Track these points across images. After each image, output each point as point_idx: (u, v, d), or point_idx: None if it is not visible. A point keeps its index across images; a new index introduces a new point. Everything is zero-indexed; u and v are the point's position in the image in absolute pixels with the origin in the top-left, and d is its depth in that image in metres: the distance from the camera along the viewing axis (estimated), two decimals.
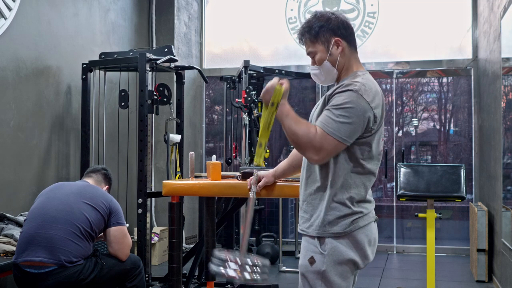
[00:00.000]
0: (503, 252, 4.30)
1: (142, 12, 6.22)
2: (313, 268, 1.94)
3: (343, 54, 1.99)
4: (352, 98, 1.85)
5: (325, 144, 1.85)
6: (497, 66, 4.68)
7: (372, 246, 1.99)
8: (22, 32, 4.17)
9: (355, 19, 6.67)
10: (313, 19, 2.02)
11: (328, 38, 1.98)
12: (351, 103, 1.85)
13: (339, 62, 1.99)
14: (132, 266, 3.14)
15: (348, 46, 2.00)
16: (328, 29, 1.98)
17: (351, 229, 1.92)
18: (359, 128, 1.87)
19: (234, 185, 2.70)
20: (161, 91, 4.43)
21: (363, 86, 1.87)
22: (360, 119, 1.85)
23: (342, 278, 1.93)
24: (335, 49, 1.98)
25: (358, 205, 1.94)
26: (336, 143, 1.85)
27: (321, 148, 1.85)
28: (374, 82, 1.96)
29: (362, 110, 1.85)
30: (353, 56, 2.02)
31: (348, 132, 1.85)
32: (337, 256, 1.92)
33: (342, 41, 1.98)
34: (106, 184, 3.35)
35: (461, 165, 3.90)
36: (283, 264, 5.33)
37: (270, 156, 5.92)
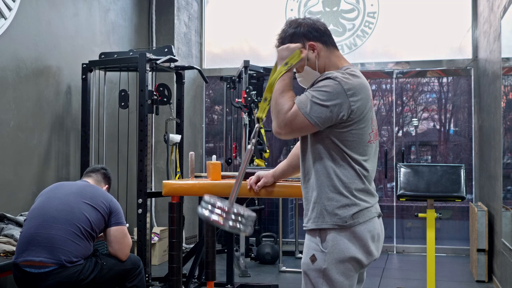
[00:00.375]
0: (503, 252, 4.30)
1: (142, 12, 6.22)
2: (314, 266, 1.94)
3: (321, 55, 2.03)
4: (329, 83, 1.88)
5: (294, 120, 1.89)
6: (497, 66, 4.68)
7: (376, 242, 1.97)
8: (22, 32, 4.17)
9: (355, 19, 6.67)
10: (285, 27, 2.07)
11: (302, 44, 2.02)
12: (327, 87, 1.88)
13: (319, 64, 2.02)
14: (132, 266, 3.14)
15: (324, 46, 2.03)
16: (300, 35, 2.02)
17: (353, 223, 1.91)
18: (333, 114, 1.87)
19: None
20: (161, 91, 4.44)
21: (343, 76, 1.90)
22: (334, 105, 1.86)
23: (344, 276, 1.92)
24: (311, 53, 2.02)
25: (356, 196, 1.93)
26: (306, 122, 1.88)
27: (288, 123, 1.90)
28: (360, 76, 1.96)
29: (337, 95, 1.87)
30: (333, 54, 2.05)
31: (319, 114, 1.87)
32: (338, 253, 1.91)
33: (316, 44, 2.02)
34: (106, 184, 3.35)
35: (461, 165, 3.90)
36: (283, 264, 5.33)
37: (270, 156, 5.92)
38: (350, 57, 6.63)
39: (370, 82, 7.00)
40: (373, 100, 2.05)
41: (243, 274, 5.04)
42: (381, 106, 6.97)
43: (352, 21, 6.69)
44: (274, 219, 6.39)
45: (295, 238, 6.01)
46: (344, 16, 6.70)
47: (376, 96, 7.04)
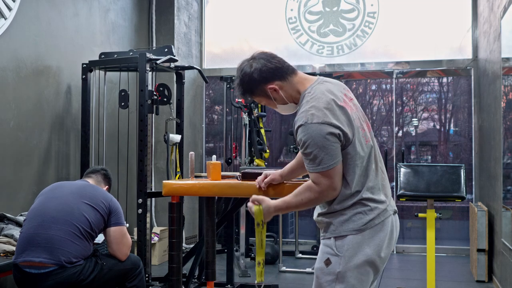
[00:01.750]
0: (503, 252, 4.29)
1: (142, 12, 6.22)
2: (328, 269, 1.95)
3: (283, 90, 2.06)
4: (306, 132, 1.90)
5: (326, 180, 1.91)
6: (497, 66, 4.68)
7: (390, 240, 1.99)
8: (22, 32, 4.16)
9: (355, 19, 6.67)
10: (239, 79, 2.10)
11: (262, 90, 2.07)
12: (308, 138, 1.89)
13: (286, 97, 2.07)
14: (132, 266, 3.14)
15: (282, 82, 2.06)
16: (257, 83, 2.05)
17: (369, 225, 1.93)
18: (334, 145, 1.89)
19: (234, 185, 2.69)
20: (161, 91, 4.43)
21: (309, 112, 1.91)
22: (327, 140, 1.88)
23: (358, 280, 1.93)
24: (275, 94, 2.06)
25: (370, 201, 1.94)
26: (332, 171, 1.90)
27: (327, 185, 1.92)
28: (322, 93, 1.96)
29: (320, 134, 1.88)
30: (294, 82, 2.07)
31: (328, 157, 1.88)
32: (354, 257, 1.92)
33: (274, 84, 2.05)
34: (106, 185, 3.35)
35: (461, 165, 3.90)
36: (283, 264, 5.33)
37: (270, 156, 5.92)
38: (350, 57, 6.64)
39: (370, 82, 7.02)
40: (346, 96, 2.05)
41: (243, 274, 5.03)
42: (381, 106, 6.97)
43: (352, 21, 6.68)
44: (274, 219, 6.33)
45: (295, 238, 6.01)
46: (344, 16, 6.70)
47: (376, 96, 7.04)
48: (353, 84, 7.01)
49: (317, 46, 6.74)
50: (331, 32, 6.71)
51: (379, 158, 2.06)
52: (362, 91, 7.04)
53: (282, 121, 7.10)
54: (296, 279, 5.04)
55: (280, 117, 7.09)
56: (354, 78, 6.88)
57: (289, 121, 6.90)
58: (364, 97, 6.99)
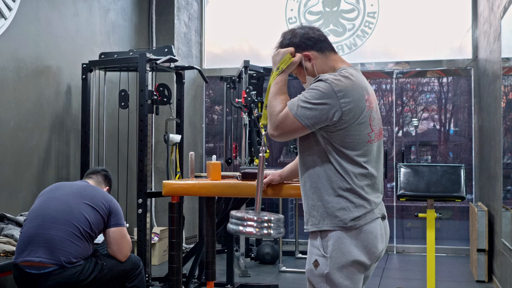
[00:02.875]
0: (503, 252, 4.30)
1: (142, 12, 6.22)
2: (317, 271, 1.94)
3: (317, 62, 2.05)
4: (320, 85, 1.90)
5: (284, 122, 1.91)
6: (497, 66, 4.68)
7: (380, 243, 1.96)
8: (22, 32, 4.17)
9: (355, 19, 6.67)
10: (280, 39, 2.12)
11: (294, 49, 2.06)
12: (317, 89, 1.90)
13: (318, 70, 2.05)
14: (132, 266, 3.14)
15: (318, 53, 2.05)
16: (293, 46, 2.06)
17: (354, 225, 1.90)
18: (322, 114, 1.88)
19: (234, 185, 2.70)
20: (161, 91, 4.43)
21: (334, 78, 1.91)
22: (323, 106, 1.88)
23: (348, 279, 1.91)
24: (307, 63, 2.06)
25: (357, 198, 1.91)
26: (296, 124, 1.90)
27: (280, 125, 1.93)
28: (353, 77, 1.96)
29: (326, 96, 1.88)
30: (330, 58, 2.07)
31: (307, 114, 1.88)
32: (340, 257, 1.90)
33: (310, 53, 2.05)
34: (106, 185, 3.35)
35: (461, 165, 3.90)
36: (283, 264, 5.33)
37: (270, 156, 5.92)
38: (350, 57, 6.63)
39: (370, 82, 6.98)
40: (372, 96, 2.04)
41: (243, 274, 5.04)
42: (381, 106, 6.97)
43: (352, 21, 6.69)
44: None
45: (295, 238, 6.01)
46: (344, 16, 6.70)
47: (376, 96, 7.00)
48: None
49: None
50: (331, 32, 6.71)
51: (381, 163, 2.04)
52: None
53: None
54: (296, 279, 5.05)
55: None
56: None
57: None
58: None
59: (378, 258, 1.99)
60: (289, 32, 2.10)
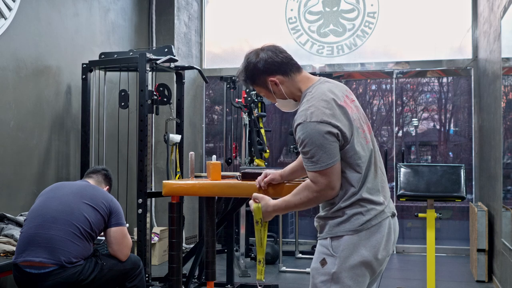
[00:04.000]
0: (503, 252, 4.30)
1: (142, 12, 6.22)
2: (324, 269, 1.95)
3: (284, 86, 2.08)
4: (304, 130, 1.91)
5: (324, 179, 1.92)
6: (497, 66, 4.68)
7: (388, 242, 1.98)
8: (22, 32, 4.16)
9: (355, 19, 6.67)
10: (244, 66, 2.13)
11: (264, 81, 2.09)
12: (306, 137, 1.90)
13: (286, 93, 2.09)
14: (132, 266, 3.14)
15: (284, 77, 2.07)
16: (259, 73, 2.08)
17: (365, 226, 1.92)
18: (333, 144, 1.90)
19: (234, 185, 2.70)
20: (161, 91, 4.43)
21: (308, 111, 1.92)
22: (325, 139, 1.89)
23: (353, 281, 1.92)
24: (274, 86, 2.08)
25: (366, 202, 1.94)
26: (329, 170, 1.90)
27: (325, 184, 1.92)
28: (322, 92, 1.97)
29: (318, 132, 1.89)
30: (296, 80, 2.08)
31: (326, 156, 1.89)
32: (349, 257, 1.91)
33: (275, 78, 2.07)
34: (107, 185, 3.35)
35: (461, 165, 3.90)
36: (283, 264, 5.33)
37: (270, 156, 5.92)
38: (350, 57, 6.64)
39: (370, 82, 7.02)
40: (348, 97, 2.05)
41: (243, 274, 5.03)
42: (381, 106, 6.97)
43: (352, 21, 6.68)
44: (274, 219, 6.33)
45: (295, 238, 6.01)
46: (344, 16, 6.70)
47: (376, 96, 7.04)
48: (353, 84, 7.00)
49: (317, 46, 6.74)
50: (331, 32, 6.71)
51: (379, 160, 2.05)
52: (362, 91, 7.04)
53: (282, 121, 7.10)
54: (296, 279, 5.05)
55: (280, 117, 7.09)
56: (354, 78, 6.88)
57: (289, 121, 6.90)
58: (364, 97, 6.99)
59: (387, 258, 2.01)
60: (253, 56, 2.10)
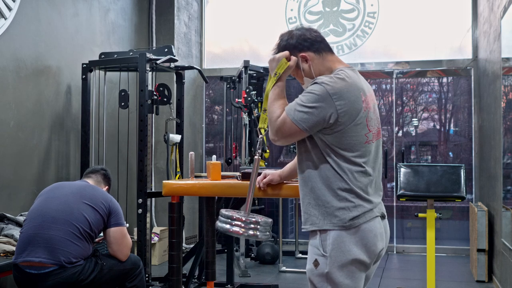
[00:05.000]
0: (503, 252, 4.30)
1: (142, 12, 6.22)
2: (317, 271, 1.94)
3: (314, 63, 2.06)
4: (315, 88, 1.93)
5: (283, 126, 1.95)
6: (497, 66, 4.68)
7: (380, 241, 1.96)
8: (22, 32, 4.17)
9: (355, 19, 6.67)
10: (277, 43, 2.13)
11: (295, 56, 2.07)
12: (312, 92, 1.92)
13: (315, 71, 2.06)
14: (132, 266, 3.14)
15: (315, 54, 2.06)
16: (290, 47, 2.07)
17: (353, 223, 1.91)
18: (319, 118, 1.90)
19: (234, 185, 2.70)
20: (161, 91, 4.43)
21: (330, 80, 1.93)
22: (319, 109, 1.89)
23: (349, 278, 1.91)
24: (304, 64, 2.07)
25: (355, 198, 1.92)
26: (294, 128, 1.93)
27: (279, 130, 1.96)
28: (349, 79, 1.97)
29: (321, 99, 1.90)
30: (327, 59, 2.07)
31: (304, 118, 1.91)
32: (340, 256, 1.90)
33: (307, 54, 2.05)
34: (106, 185, 3.35)
35: (461, 165, 3.90)
36: (283, 264, 5.33)
37: (270, 156, 5.92)
38: (350, 57, 6.63)
39: (370, 82, 7.00)
40: (370, 96, 2.04)
41: (243, 274, 5.04)
42: (381, 106, 6.97)
43: (352, 21, 6.68)
44: (274, 219, 6.34)
45: (295, 238, 6.01)
46: (344, 16, 6.70)
47: (376, 96, 7.01)
48: None
49: None
50: (331, 32, 6.71)
51: (378, 164, 2.04)
52: None
53: None
54: (296, 279, 5.05)
55: None
56: None
57: None
58: None
59: (378, 257, 2.00)
60: (286, 34, 2.11)
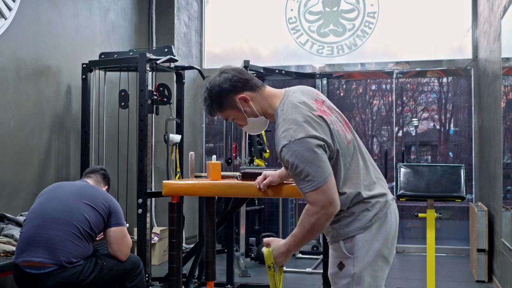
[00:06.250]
0: (503, 252, 4.30)
1: (142, 12, 6.22)
2: (343, 273, 1.93)
3: (255, 102, 2.00)
4: (292, 151, 1.82)
5: (321, 196, 1.83)
6: (497, 66, 4.68)
7: (395, 228, 1.99)
8: (22, 32, 4.16)
9: (355, 19, 6.67)
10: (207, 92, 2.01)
11: (232, 101, 1.99)
12: (296, 157, 1.82)
13: (257, 110, 2.00)
14: (132, 266, 3.14)
15: (252, 92, 2.00)
16: (226, 93, 1.98)
17: (374, 221, 1.92)
18: (323, 157, 1.84)
19: (234, 185, 2.69)
20: (161, 91, 4.43)
21: (290, 130, 1.83)
22: (316, 154, 1.82)
23: (373, 278, 1.92)
24: (245, 104, 2.00)
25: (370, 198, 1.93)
26: (326, 185, 1.83)
27: (325, 200, 1.83)
28: (295, 106, 1.89)
29: (307, 148, 1.82)
30: (265, 94, 2.01)
31: (320, 171, 1.82)
32: (365, 255, 1.91)
33: (245, 94, 1.99)
34: (105, 185, 3.35)
35: (461, 165, 3.90)
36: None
37: (270, 156, 5.92)
38: (350, 57, 6.64)
39: (370, 82, 7.02)
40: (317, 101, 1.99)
41: (243, 274, 5.03)
42: (381, 106, 6.97)
43: (352, 21, 6.68)
44: (274, 219, 6.39)
45: None
46: (344, 16, 6.70)
47: (376, 96, 7.04)
48: (353, 84, 7.01)
49: (317, 46, 6.74)
50: (331, 32, 6.71)
51: (365, 152, 2.03)
52: (362, 91, 7.04)
53: None
54: (296, 279, 5.04)
55: None
56: (354, 78, 6.88)
57: None
58: (364, 97, 6.99)
59: (395, 244, 2.02)
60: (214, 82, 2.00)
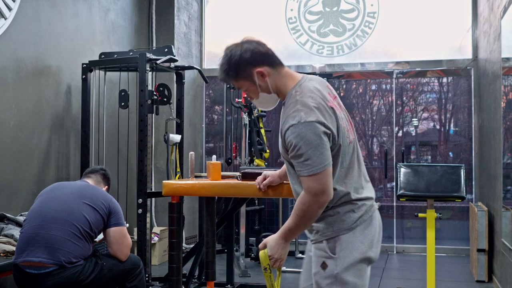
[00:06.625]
0: (503, 252, 4.30)
1: (142, 12, 6.21)
2: (326, 273, 1.93)
3: (271, 78, 1.98)
4: (299, 132, 1.83)
5: (315, 184, 1.83)
6: (497, 66, 4.68)
7: (379, 233, 1.99)
8: (22, 32, 4.16)
9: (355, 19, 6.67)
10: (226, 58, 2.00)
11: (249, 73, 1.98)
12: (302, 138, 1.82)
13: (272, 86, 1.98)
14: (132, 266, 3.14)
15: (271, 68, 1.98)
16: (245, 64, 1.97)
17: (359, 222, 1.92)
18: (327, 145, 1.84)
19: (234, 185, 2.70)
20: (161, 91, 4.43)
21: (301, 112, 1.84)
22: (321, 140, 1.83)
23: (357, 277, 1.92)
24: (261, 79, 1.98)
25: (357, 199, 1.93)
26: (323, 173, 1.83)
27: (318, 188, 1.83)
28: (311, 91, 1.90)
29: (315, 133, 1.82)
30: (282, 73, 2.00)
31: (322, 158, 1.82)
32: (348, 256, 1.91)
33: (263, 69, 1.97)
34: (105, 185, 3.35)
35: (461, 165, 3.90)
36: (283, 264, 5.32)
37: (270, 156, 5.92)
38: (350, 57, 6.64)
39: (370, 82, 7.02)
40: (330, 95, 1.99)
41: (243, 274, 5.03)
42: (381, 106, 6.97)
43: (352, 21, 6.68)
44: (274, 219, 6.39)
45: (295, 238, 6.01)
46: (344, 16, 6.70)
47: (376, 96, 7.03)
48: (353, 84, 7.01)
49: (317, 46, 6.74)
50: (331, 32, 6.71)
51: (360, 156, 2.04)
52: (362, 91, 7.03)
53: None
54: (296, 279, 5.02)
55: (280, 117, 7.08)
56: (354, 78, 6.88)
57: None
58: (364, 97, 6.99)
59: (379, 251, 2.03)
60: (236, 48, 1.99)
